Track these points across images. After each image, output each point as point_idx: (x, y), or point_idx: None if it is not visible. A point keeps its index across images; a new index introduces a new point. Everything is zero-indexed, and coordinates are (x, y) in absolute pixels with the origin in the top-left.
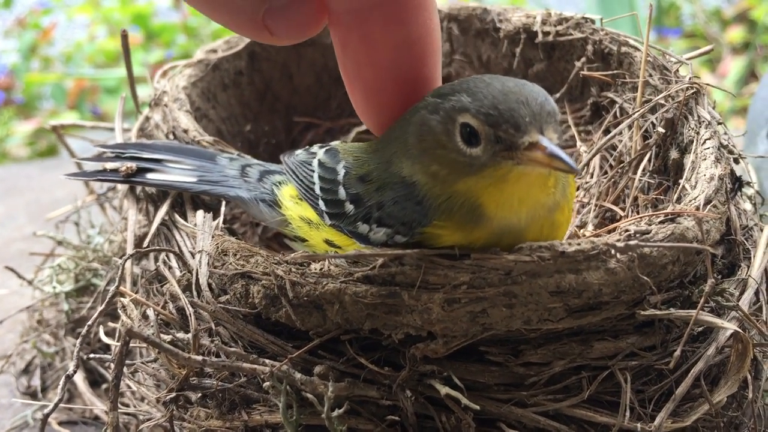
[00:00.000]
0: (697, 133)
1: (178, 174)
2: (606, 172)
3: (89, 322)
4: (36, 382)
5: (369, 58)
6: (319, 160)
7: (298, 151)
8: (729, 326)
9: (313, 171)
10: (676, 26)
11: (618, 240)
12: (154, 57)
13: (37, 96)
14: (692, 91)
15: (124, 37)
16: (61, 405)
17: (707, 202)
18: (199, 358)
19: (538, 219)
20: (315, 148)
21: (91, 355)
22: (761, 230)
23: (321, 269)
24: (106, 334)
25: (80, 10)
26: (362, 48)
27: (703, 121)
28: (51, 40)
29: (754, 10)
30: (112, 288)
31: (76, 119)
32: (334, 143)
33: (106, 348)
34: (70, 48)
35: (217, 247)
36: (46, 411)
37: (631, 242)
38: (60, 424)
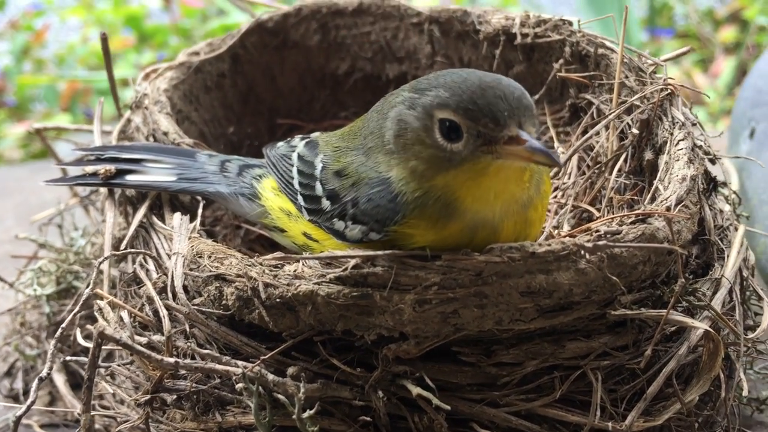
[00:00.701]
0: (671, 134)
1: (158, 174)
2: (584, 173)
3: (63, 325)
4: (18, 384)
5: None
6: (298, 153)
7: (280, 144)
8: (700, 325)
9: (293, 165)
10: (669, 26)
11: (588, 241)
12: (146, 59)
13: (29, 98)
14: (666, 92)
15: (104, 40)
16: (43, 408)
17: (678, 202)
18: (172, 360)
19: (512, 214)
20: (296, 140)
21: (68, 358)
22: (736, 230)
23: (294, 271)
24: (85, 337)
25: (73, 12)
26: None
27: (677, 122)
28: (44, 42)
29: (746, 10)
30: (87, 290)
31: (69, 121)
32: (315, 134)
33: (88, 351)
34: (63, 50)
35: (192, 249)
36: (17, 413)
37: (600, 243)
38: (42, 427)
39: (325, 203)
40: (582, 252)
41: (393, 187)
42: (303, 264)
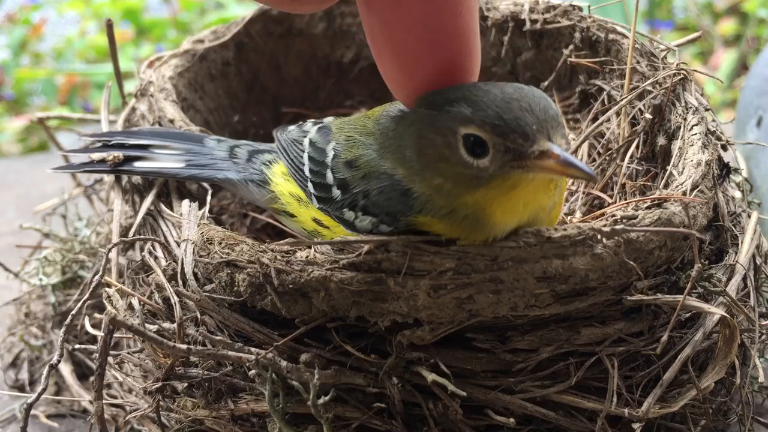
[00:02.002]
0: (685, 119)
1: (166, 160)
2: (594, 160)
3: (73, 312)
4: (24, 375)
5: (396, 13)
6: (310, 139)
7: (291, 128)
8: (716, 311)
9: (304, 151)
10: (668, 19)
11: (604, 225)
12: (145, 52)
13: (27, 92)
14: (679, 77)
15: (110, 26)
16: (50, 398)
17: (694, 187)
18: (184, 346)
19: (539, 221)
20: (308, 125)
21: (77, 346)
22: (749, 216)
23: (306, 257)
24: (93, 326)
25: (70, 5)
26: (388, 2)
27: (691, 107)
28: (41, 35)
29: (746, 3)
30: (96, 278)
31: (66, 111)
32: (328, 119)
33: (94, 340)
34: (61, 44)
35: (202, 236)
36: (29, 401)
37: (617, 227)
38: (48, 417)
39: (336, 192)
40: (598, 237)
41: (418, 202)
42: (315, 250)
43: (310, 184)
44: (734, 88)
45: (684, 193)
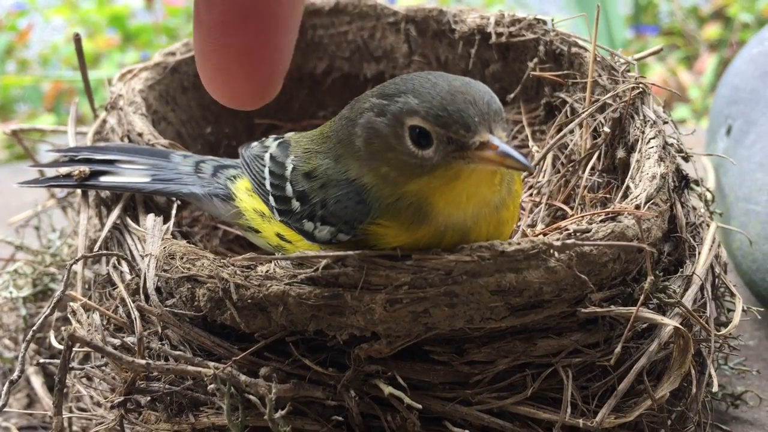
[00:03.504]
0: (642, 132)
1: (131, 175)
2: (558, 171)
3: (34, 328)
4: None
5: None
6: (270, 153)
7: (254, 144)
8: (669, 322)
9: (265, 165)
10: (654, 24)
11: (557, 239)
12: (130, 58)
13: (13, 99)
14: (638, 90)
15: (77, 41)
16: (21, 411)
17: (648, 200)
18: (143, 361)
19: (484, 217)
20: (269, 140)
21: (43, 360)
22: (709, 227)
23: (266, 271)
24: (60, 340)
25: (57, 12)
26: None
27: (648, 121)
28: (27, 42)
29: (730, 8)
30: (59, 293)
31: (53, 122)
32: (288, 135)
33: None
34: (47, 50)
35: (165, 251)
36: None
37: (569, 241)
38: (20, 429)
39: (295, 204)
40: (551, 250)
41: (366, 191)
42: (275, 265)
43: (271, 198)
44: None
45: (638, 207)
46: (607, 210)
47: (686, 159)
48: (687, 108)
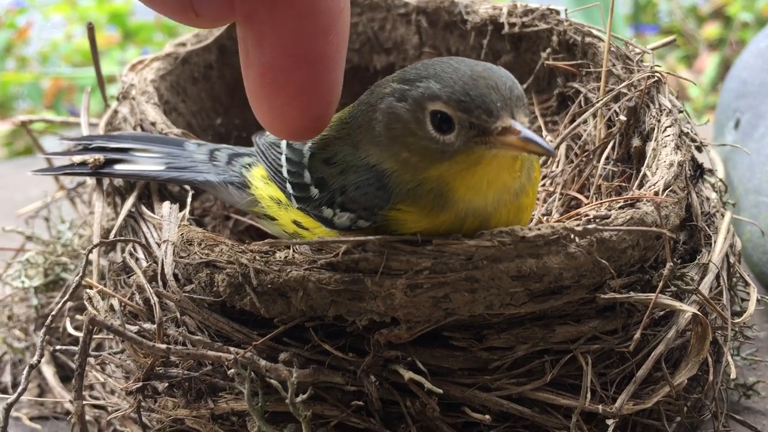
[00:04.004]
0: (658, 121)
1: (146, 163)
2: (572, 161)
3: (53, 313)
4: (7, 378)
5: (272, 26)
6: (287, 141)
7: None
8: (688, 309)
9: (281, 153)
10: (653, 23)
11: (577, 225)
12: (130, 55)
13: (13, 96)
14: (653, 79)
15: (90, 29)
16: (33, 400)
17: (666, 187)
18: (163, 346)
19: (505, 203)
20: None
21: (58, 347)
22: (723, 217)
23: (285, 257)
24: (75, 328)
25: (56, 9)
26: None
27: (664, 109)
28: (27, 39)
29: (729, 7)
30: (76, 279)
31: (51, 115)
32: None
33: (76, 343)
34: (47, 47)
35: (182, 237)
36: (8, 401)
37: (590, 227)
38: (31, 419)
39: (314, 191)
40: (571, 236)
41: (386, 177)
42: (294, 250)
43: (288, 185)
44: (717, 91)
45: (656, 193)
46: (625, 197)
47: (699, 149)
48: (688, 106)
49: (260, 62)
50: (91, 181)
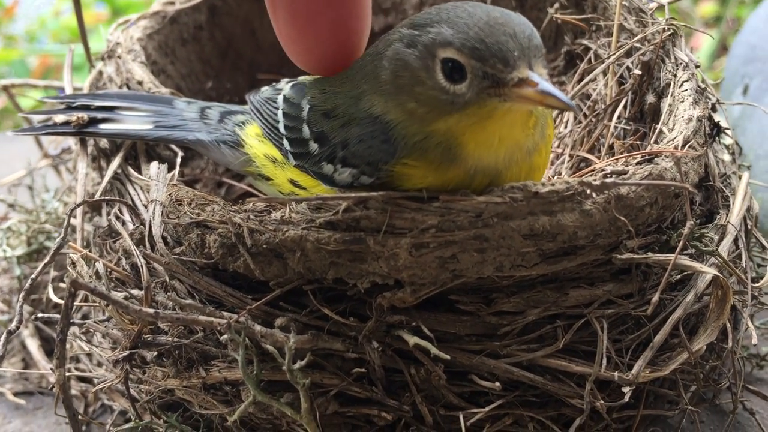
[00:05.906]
0: (675, 76)
1: (133, 122)
2: (580, 122)
3: (33, 276)
4: None
5: None
6: (284, 95)
7: (264, 88)
8: (709, 270)
9: (278, 108)
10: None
11: (594, 180)
12: None
13: (0, 74)
14: (669, 32)
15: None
16: (17, 374)
17: (685, 142)
18: (151, 310)
19: (516, 161)
20: (282, 83)
21: (41, 315)
22: (739, 178)
23: (281, 216)
24: (60, 297)
25: None
26: None
27: (681, 63)
28: (14, 17)
29: None
30: (58, 241)
31: (40, 95)
32: (302, 77)
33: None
34: (34, 25)
35: (171, 197)
36: None
37: (608, 181)
38: (16, 394)
39: (313, 146)
40: (588, 191)
41: (390, 129)
42: (291, 209)
43: (285, 141)
44: (714, 69)
45: (676, 148)
46: (643, 152)
47: (714, 108)
48: None
49: (291, 5)
50: (75, 146)
